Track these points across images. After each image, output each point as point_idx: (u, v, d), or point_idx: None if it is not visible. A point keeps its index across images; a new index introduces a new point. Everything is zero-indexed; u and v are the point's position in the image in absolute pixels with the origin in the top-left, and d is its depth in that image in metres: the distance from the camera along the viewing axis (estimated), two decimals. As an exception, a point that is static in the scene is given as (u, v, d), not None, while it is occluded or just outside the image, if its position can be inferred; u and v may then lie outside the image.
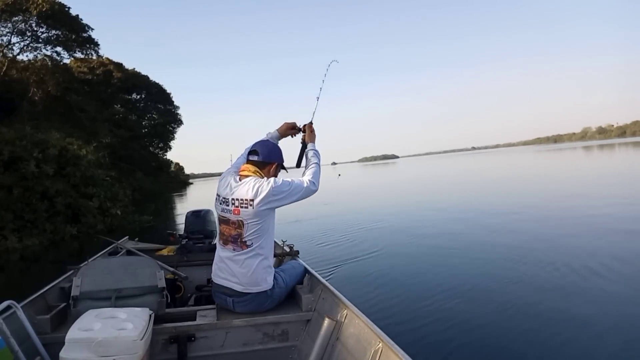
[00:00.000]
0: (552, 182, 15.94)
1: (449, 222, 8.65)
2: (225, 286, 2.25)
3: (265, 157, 2.34)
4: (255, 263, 2.20)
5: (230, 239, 2.24)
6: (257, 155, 2.34)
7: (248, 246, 2.19)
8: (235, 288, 2.21)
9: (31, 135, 11.73)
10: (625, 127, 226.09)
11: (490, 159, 57.91)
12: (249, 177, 2.27)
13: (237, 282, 2.21)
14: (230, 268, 2.23)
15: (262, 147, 2.37)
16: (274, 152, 2.41)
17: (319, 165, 2.43)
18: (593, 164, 26.43)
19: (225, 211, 2.26)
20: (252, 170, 2.31)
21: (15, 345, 1.71)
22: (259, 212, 2.17)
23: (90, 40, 26.79)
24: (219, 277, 2.29)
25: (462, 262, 5.45)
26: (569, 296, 3.98)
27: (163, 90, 43.37)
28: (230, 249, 2.24)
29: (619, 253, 5.23)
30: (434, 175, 30.85)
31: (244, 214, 2.19)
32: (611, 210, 8.28)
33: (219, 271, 2.30)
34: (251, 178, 2.25)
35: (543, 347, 3.02)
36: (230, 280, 2.23)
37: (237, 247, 2.22)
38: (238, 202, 2.21)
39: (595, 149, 53.67)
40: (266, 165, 2.34)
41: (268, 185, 2.18)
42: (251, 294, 2.21)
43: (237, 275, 2.21)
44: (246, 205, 2.19)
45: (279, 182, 2.21)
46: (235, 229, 2.22)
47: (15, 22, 23.41)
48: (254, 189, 2.19)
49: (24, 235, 9.61)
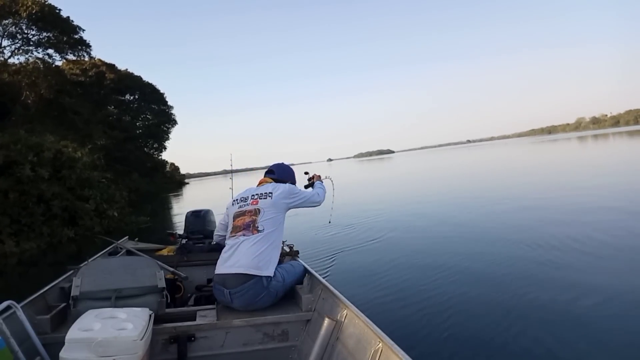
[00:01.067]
0: (552, 174, 15.99)
1: (450, 220, 8.58)
2: (225, 274, 2.29)
3: (279, 175, 2.82)
4: (262, 247, 2.31)
5: (243, 226, 2.41)
6: (273, 174, 2.84)
7: (259, 231, 2.35)
8: (233, 271, 2.26)
9: (25, 139, 11.64)
10: (619, 116, 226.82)
11: (485, 151, 57.88)
12: (268, 183, 2.72)
13: (238, 265, 2.27)
14: (235, 254, 2.31)
15: (278, 168, 2.88)
16: (288, 173, 2.88)
17: (324, 189, 3.02)
18: (599, 154, 26.46)
19: (242, 207, 2.54)
20: (269, 181, 2.77)
21: (15, 345, 1.71)
22: (276, 204, 2.48)
23: (82, 42, 26.62)
24: (222, 266, 2.34)
25: (463, 262, 5.34)
26: (574, 295, 3.89)
27: (156, 90, 43.10)
28: (240, 235, 2.37)
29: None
30: (430, 169, 30.85)
31: (262, 204, 2.49)
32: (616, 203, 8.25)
33: (221, 263, 2.36)
34: (270, 183, 2.71)
35: (544, 347, 3.00)
36: (231, 266, 2.28)
37: (249, 232, 2.37)
38: (257, 195, 2.55)
39: (590, 139, 53.77)
40: (280, 182, 2.73)
41: (286, 185, 2.63)
42: (248, 283, 2.23)
43: (239, 258, 2.28)
44: (265, 196, 2.52)
45: (293, 187, 2.68)
46: (250, 216, 2.45)
47: (5, 25, 23.20)
48: (273, 186, 2.60)
49: (21, 239, 9.55)
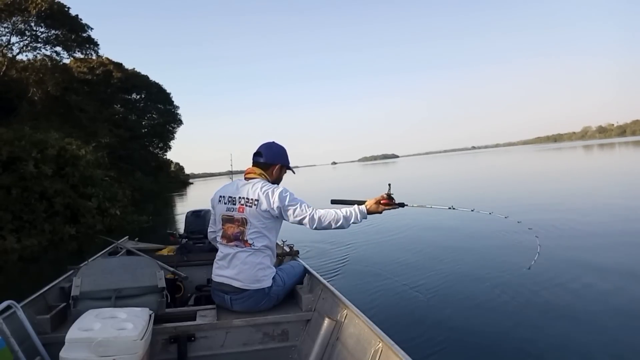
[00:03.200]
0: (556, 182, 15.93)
1: (449, 222, 8.62)
2: (224, 283, 2.27)
3: (268, 158, 2.39)
4: (256, 261, 2.24)
5: (232, 237, 2.28)
6: (261, 156, 2.40)
7: (250, 244, 2.24)
8: (234, 284, 2.23)
9: (30, 135, 11.69)
10: (625, 126, 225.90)
11: (490, 158, 57.84)
12: (255, 178, 2.34)
13: (236, 279, 2.23)
14: (231, 265, 2.26)
15: (267, 149, 2.41)
16: (278, 153, 2.43)
17: (340, 221, 2.21)
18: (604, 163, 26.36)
19: (230, 210, 2.30)
20: (257, 173, 2.37)
21: (15, 345, 1.71)
22: (263, 213, 2.23)
23: (90, 40, 26.82)
24: (218, 275, 2.31)
25: (463, 262, 5.43)
26: (574, 297, 3.92)
27: (163, 90, 43.39)
28: (232, 246, 2.27)
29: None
30: (433, 174, 30.81)
31: (248, 213, 2.25)
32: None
33: (218, 269, 2.32)
34: (258, 180, 2.32)
35: (544, 348, 3.00)
36: (230, 277, 2.25)
37: (240, 244, 2.25)
38: (244, 201, 2.27)
39: (596, 148, 53.61)
40: (270, 166, 2.39)
41: (275, 192, 2.22)
42: (249, 291, 2.23)
43: (237, 271, 2.24)
44: (251, 204, 2.25)
45: (287, 194, 2.22)
46: (238, 226, 2.27)
47: (15, 22, 23.38)
48: (261, 190, 2.25)
49: (23, 236, 9.57)
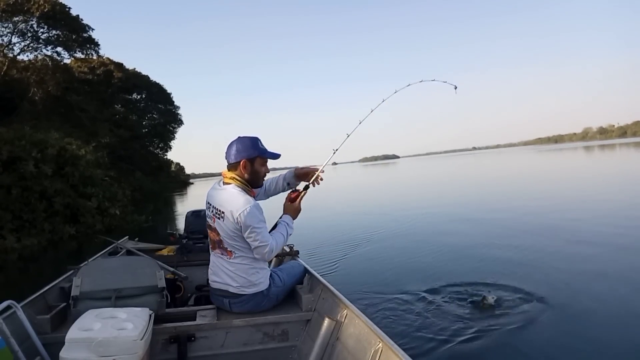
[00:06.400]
0: (563, 183, 15.93)
1: (450, 222, 8.62)
2: (221, 289, 2.25)
3: (231, 158, 2.21)
4: (245, 267, 2.20)
5: (216, 244, 2.25)
6: (227, 158, 2.25)
7: (231, 252, 2.20)
8: (231, 290, 2.21)
9: (30, 135, 11.72)
10: (626, 127, 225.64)
11: (492, 158, 57.85)
12: (229, 184, 2.21)
13: (231, 285, 2.21)
14: (223, 271, 2.23)
15: (228, 148, 2.24)
16: (239, 149, 2.20)
17: (285, 241, 2.29)
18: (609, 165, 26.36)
19: (209, 217, 2.25)
20: (229, 177, 2.23)
21: (15, 345, 1.71)
22: (230, 226, 2.12)
23: (91, 40, 26.81)
24: (214, 281, 2.30)
25: (463, 262, 5.43)
26: (576, 296, 3.94)
27: (163, 90, 43.37)
28: (219, 254, 2.25)
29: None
30: (434, 175, 30.82)
31: (217, 224, 2.18)
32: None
33: (213, 275, 2.31)
34: (231, 186, 2.19)
35: (545, 348, 2.99)
36: (225, 283, 2.23)
37: (223, 252, 2.22)
38: (215, 211, 2.19)
39: (597, 149, 53.57)
40: (236, 165, 2.21)
41: (238, 211, 2.06)
42: (247, 295, 2.21)
43: (230, 277, 2.21)
44: (219, 216, 2.17)
45: (251, 218, 2.06)
46: (216, 235, 2.22)
47: (16, 22, 23.39)
48: (228, 202, 2.12)
49: (23, 235, 9.57)
